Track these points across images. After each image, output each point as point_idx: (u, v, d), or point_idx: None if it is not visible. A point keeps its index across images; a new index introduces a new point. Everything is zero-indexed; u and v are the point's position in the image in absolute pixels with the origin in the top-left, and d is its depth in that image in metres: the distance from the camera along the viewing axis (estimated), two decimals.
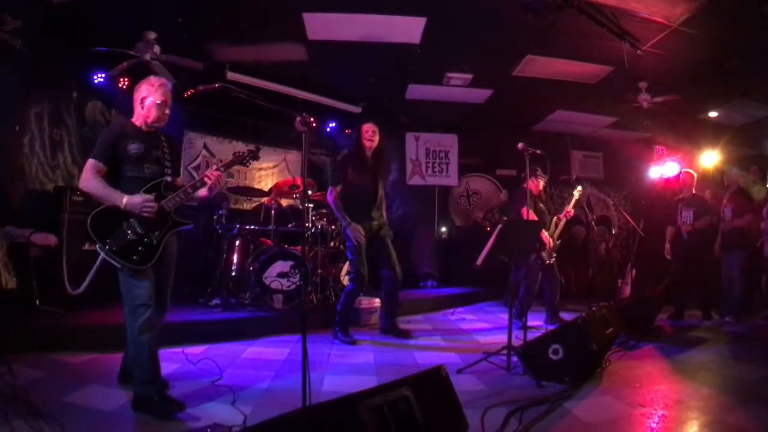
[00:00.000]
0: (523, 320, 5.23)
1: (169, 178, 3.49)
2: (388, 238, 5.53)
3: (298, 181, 7.43)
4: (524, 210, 5.96)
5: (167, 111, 3.49)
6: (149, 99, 3.43)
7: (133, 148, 3.34)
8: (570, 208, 6.65)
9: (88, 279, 4.14)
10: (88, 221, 3.21)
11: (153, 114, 3.44)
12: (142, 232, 3.26)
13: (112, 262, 3.20)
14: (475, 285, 8.96)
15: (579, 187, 6.88)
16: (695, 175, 7.46)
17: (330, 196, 5.24)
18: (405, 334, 5.68)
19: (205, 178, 3.46)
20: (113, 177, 3.33)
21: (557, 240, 6.62)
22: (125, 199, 3.21)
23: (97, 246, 3.20)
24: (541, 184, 6.64)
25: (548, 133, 10.56)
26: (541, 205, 6.62)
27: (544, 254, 6.44)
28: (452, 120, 10.18)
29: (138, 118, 3.47)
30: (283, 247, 6.54)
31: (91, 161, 3.32)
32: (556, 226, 6.63)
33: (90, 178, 3.27)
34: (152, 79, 3.51)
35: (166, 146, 3.57)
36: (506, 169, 10.92)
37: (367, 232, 5.29)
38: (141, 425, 2.97)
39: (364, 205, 5.33)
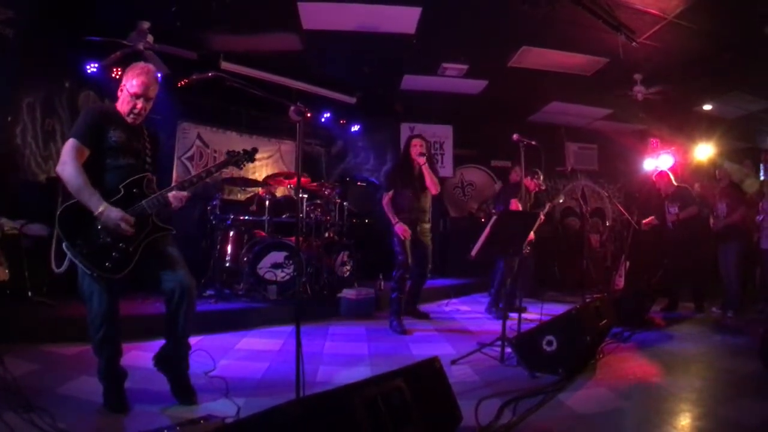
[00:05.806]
0: (502, 308, 5.23)
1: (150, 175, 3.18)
2: (426, 239, 5.97)
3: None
4: (514, 201, 5.96)
5: (139, 106, 3.07)
6: (125, 89, 3.08)
7: (114, 135, 2.99)
8: (543, 214, 6.30)
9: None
10: (57, 215, 2.83)
11: (124, 107, 3.08)
12: (118, 236, 2.91)
13: (81, 266, 2.84)
14: (469, 276, 8.97)
15: (562, 198, 6.84)
16: (669, 173, 7.47)
17: (383, 200, 5.80)
18: (424, 316, 6.42)
19: (171, 199, 3.06)
20: (89, 164, 2.92)
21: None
22: (101, 208, 2.81)
23: (64, 245, 2.83)
24: (535, 185, 6.56)
25: (543, 125, 10.55)
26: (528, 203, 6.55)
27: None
28: (447, 111, 10.16)
29: (120, 106, 3.13)
30: (277, 238, 6.51)
31: (72, 141, 2.88)
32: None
33: (69, 162, 2.83)
34: (136, 67, 3.11)
35: (147, 141, 3.22)
36: (501, 161, 10.90)
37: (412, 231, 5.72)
38: (132, 416, 2.95)
39: (410, 209, 5.77)
